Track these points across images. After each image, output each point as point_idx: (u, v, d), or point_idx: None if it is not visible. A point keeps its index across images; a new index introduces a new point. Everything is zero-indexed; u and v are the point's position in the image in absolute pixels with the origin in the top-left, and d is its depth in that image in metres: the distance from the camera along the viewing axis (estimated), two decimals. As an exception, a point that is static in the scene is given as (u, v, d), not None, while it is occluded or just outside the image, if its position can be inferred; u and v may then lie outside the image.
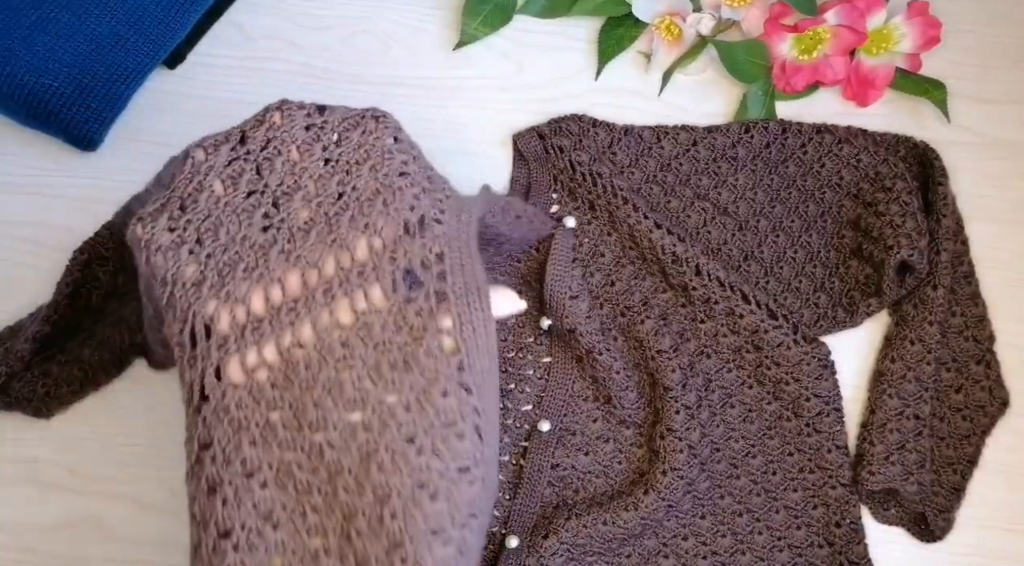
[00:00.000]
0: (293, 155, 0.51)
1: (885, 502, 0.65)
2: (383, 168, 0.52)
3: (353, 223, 0.50)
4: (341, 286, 0.49)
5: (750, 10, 0.72)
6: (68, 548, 0.64)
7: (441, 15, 0.75)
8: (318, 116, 0.52)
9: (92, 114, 0.69)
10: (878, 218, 0.66)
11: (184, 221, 0.51)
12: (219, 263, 0.50)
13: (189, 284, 0.50)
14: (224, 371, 0.49)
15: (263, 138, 0.52)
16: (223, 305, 0.49)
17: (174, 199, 0.51)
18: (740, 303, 0.65)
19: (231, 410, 0.48)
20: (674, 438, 0.62)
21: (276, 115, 0.52)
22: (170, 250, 0.50)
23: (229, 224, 0.51)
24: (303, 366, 0.49)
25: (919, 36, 0.70)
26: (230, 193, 0.51)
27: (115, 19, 0.70)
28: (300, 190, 0.51)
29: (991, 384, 0.66)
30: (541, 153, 0.69)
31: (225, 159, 0.51)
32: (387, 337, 0.49)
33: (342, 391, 0.49)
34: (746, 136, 0.70)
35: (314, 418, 0.48)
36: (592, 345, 0.64)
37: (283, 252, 0.50)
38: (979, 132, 0.71)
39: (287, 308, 0.50)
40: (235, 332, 0.49)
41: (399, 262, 0.50)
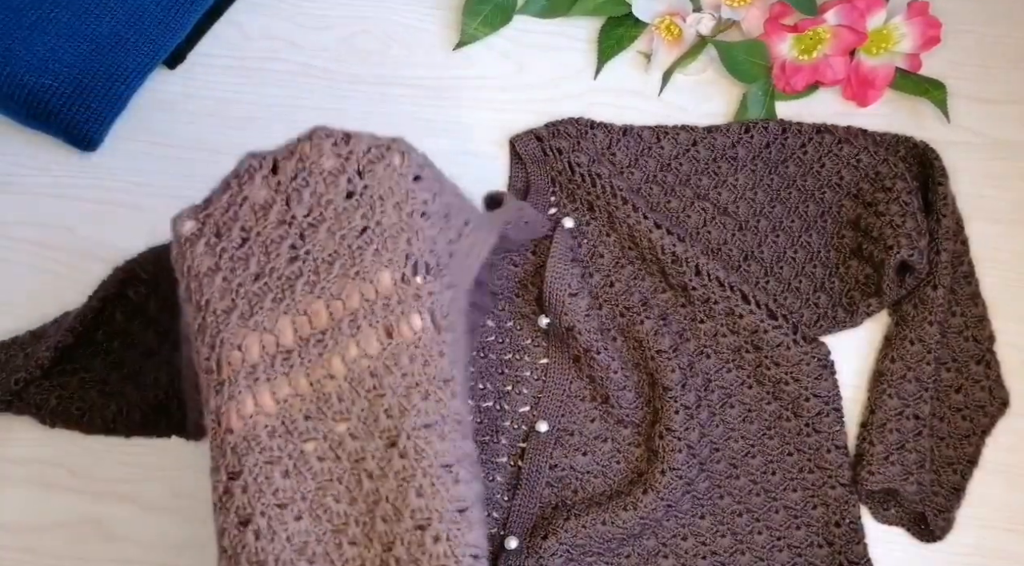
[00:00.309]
0: (320, 187, 0.52)
1: (885, 502, 0.65)
2: (406, 207, 0.52)
3: (377, 257, 0.51)
4: (366, 318, 0.50)
5: (750, 10, 0.71)
6: (69, 548, 0.64)
7: (441, 15, 0.75)
8: (344, 146, 0.52)
9: (92, 114, 0.69)
10: (878, 218, 0.66)
11: (220, 249, 0.51)
12: (249, 292, 0.51)
13: (220, 311, 0.51)
14: (257, 399, 0.49)
15: (293, 169, 0.52)
16: (252, 334, 0.50)
17: (211, 224, 0.52)
18: (740, 303, 0.65)
19: (262, 439, 0.49)
20: (673, 438, 0.62)
21: (306, 145, 0.52)
22: (206, 276, 0.51)
23: (259, 254, 0.51)
24: (336, 397, 0.50)
25: (919, 36, 0.70)
26: (261, 223, 0.52)
27: (115, 19, 0.70)
28: (325, 222, 0.52)
29: (991, 384, 0.66)
30: (539, 155, 0.69)
31: (258, 188, 0.52)
32: (416, 368, 0.50)
33: (376, 421, 0.49)
34: (746, 136, 0.69)
35: (352, 449, 0.49)
36: (590, 344, 0.64)
37: (308, 283, 0.51)
38: (979, 132, 0.71)
39: (315, 339, 0.50)
40: (265, 361, 0.50)
41: (424, 301, 0.51)
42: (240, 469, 0.48)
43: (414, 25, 0.75)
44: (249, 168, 0.52)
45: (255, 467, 0.48)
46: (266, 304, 0.51)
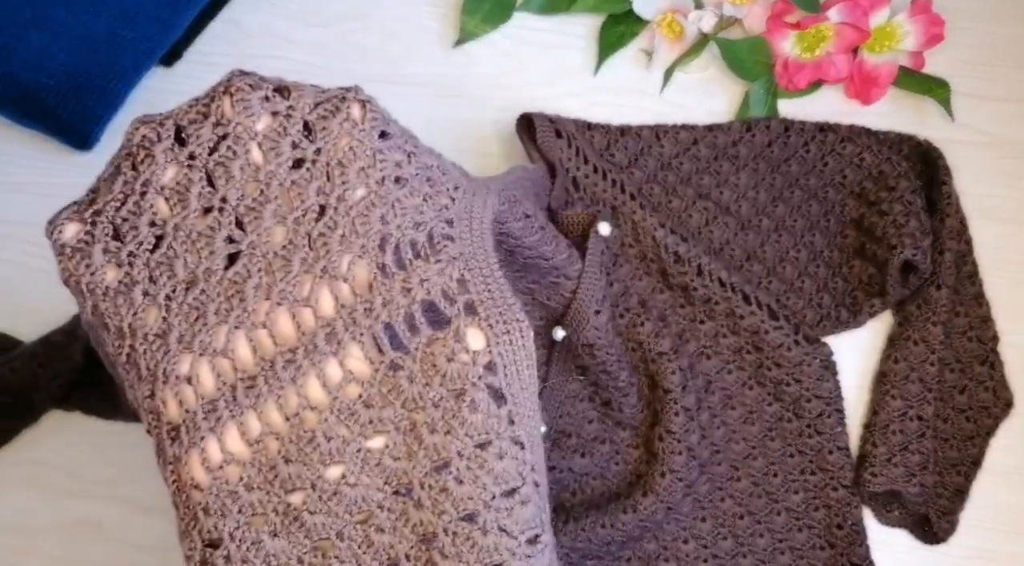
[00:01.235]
0: (255, 156, 0.40)
1: (888, 504, 0.64)
2: (375, 172, 0.40)
3: (345, 245, 0.40)
4: (347, 329, 0.39)
5: (752, 7, 0.71)
6: (66, 551, 0.64)
7: (440, 12, 0.75)
8: (280, 100, 0.40)
9: (88, 113, 0.68)
10: (881, 217, 0.65)
11: (127, 254, 0.40)
12: (184, 306, 0.39)
13: (152, 335, 0.39)
14: (224, 444, 0.39)
15: (211, 136, 0.40)
16: (199, 360, 0.39)
17: (102, 223, 0.40)
18: (741, 304, 0.64)
19: (240, 494, 0.39)
20: (673, 440, 0.62)
21: (225, 103, 0.40)
22: (120, 294, 0.40)
23: (186, 255, 0.40)
24: (321, 435, 0.39)
25: (922, 34, 0.70)
26: (179, 213, 0.40)
27: (111, 17, 0.70)
28: (269, 203, 0.40)
29: (995, 385, 0.65)
30: (553, 137, 0.67)
31: (162, 167, 0.40)
32: (417, 391, 0.39)
33: (379, 464, 0.39)
34: (748, 135, 0.69)
35: (351, 498, 0.39)
36: (605, 358, 0.63)
37: (261, 287, 0.40)
38: (983, 130, 0.71)
39: (283, 360, 0.39)
40: (225, 394, 0.39)
41: (415, 294, 0.40)
42: (219, 536, 0.38)
43: (413, 22, 0.74)
44: (143, 141, 0.40)
45: (237, 531, 0.38)
46: (210, 319, 0.39)
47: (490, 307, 0.41)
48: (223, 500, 0.38)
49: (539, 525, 0.40)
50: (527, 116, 0.67)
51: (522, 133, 0.68)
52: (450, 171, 0.46)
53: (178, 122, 0.40)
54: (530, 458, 0.40)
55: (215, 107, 0.40)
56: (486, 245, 0.44)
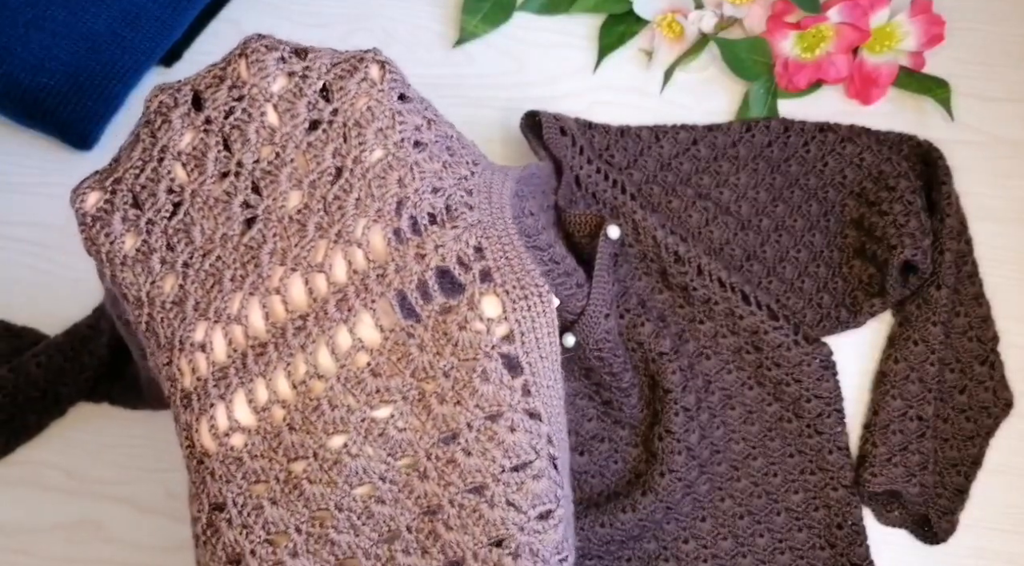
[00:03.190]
0: (270, 118, 0.39)
1: (888, 504, 0.64)
2: (393, 134, 0.39)
3: (361, 209, 0.39)
4: (359, 295, 0.39)
5: (752, 7, 0.71)
6: (65, 550, 0.64)
7: (441, 12, 0.75)
8: (297, 61, 0.39)
9: (88, 113, 0.68)
10: (881, 217, 0.65)
11: (145, 222, 0.40)
12: (200, 273, 0.39)
13: (168, 303, 0.40)
14: (231, 412, 0.39)
15: (226, 100, 0.39)
16: (214, 327, 0.39)
17: (122, 191, 0.40)
18: (740, 304, 0.64)
19: (244, 461, 0.39)
20: (672, 440, 0.62)
21: (240, 65, 0.39)
22: (138, 262, 0.40)
23: (202, 220, 0.39)
24: (327, 404, 0.39)
25: (922, 34, 0.70)
26: (196, 179, 0.39)
27: (111, 17, 0.70)
28: (285, 166, 0.39)
29: (995, 385, 0.65)
30: (558, 134, 0.67)
31: (179, 132, 0.39)
32: (427, 360, 0.39)
33: (384, 434, 0.39)
34: (747, 135, 0.69)
35: (352, 469, 0.38)
36: (612, 361, 0.63)
37: (276, 253, 0.39)
38: (983, 130, 0.71)
39: (294, 326, 0.39)
40: (235, 361, 0.39)
41: (429, 260, 0.39)
42: (223, 500, 0.39)
43: (414, 22, 0.75)
44: (160, 107, 0.40)
45: (239, 496, 0.39)
46: (225, 285, 0.39)
47: (507, 274, 0.41)
48: (228, 466, 0.39)
49: (552, 500, 0.39)
50: (532, 114, 0.67)
51: (526, 131, 0.68)
52: (468, 145, 0.45)
53: (195, 87, 0.40)
54: (546, 430, 0.40)
55: (231, 70, 0.39)
56: (505, 216, 0.43)
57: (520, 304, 0.40)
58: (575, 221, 0.64)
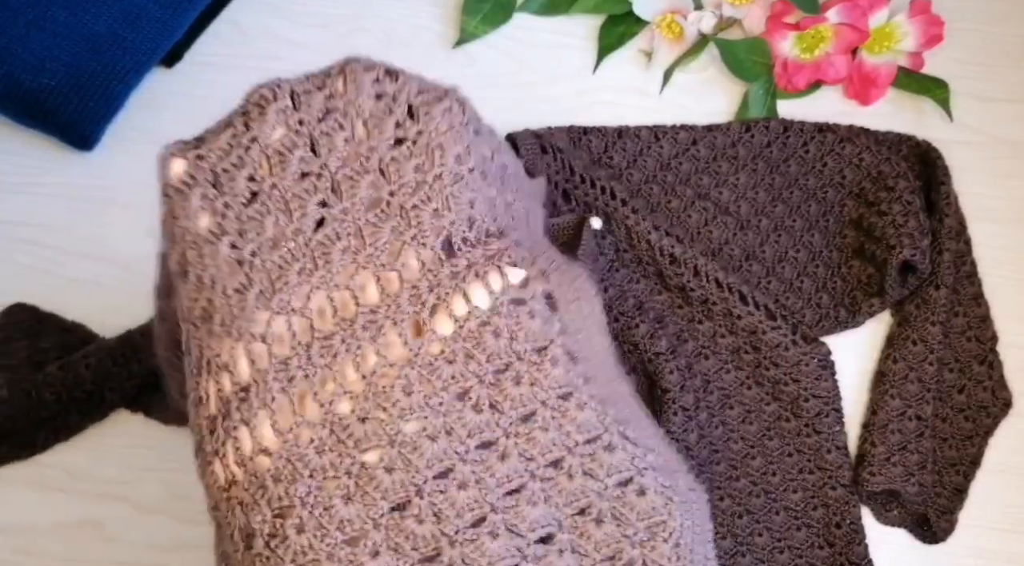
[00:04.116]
0: (359, 131, 0.41)
1: (887, 503, 0.64)
2: (468, 161, 0.42)
3: (437, 219, 0.41)
4: (432, 290, 0.40)
5: (752, 8, 0.71)
6: (66, 550, 0.64)
7: (441, 13, 0.75)
8: (390, 82, 0.42)
9: (89, 113, 0.68)
10: (880, 217, 0.65)
11: (222, 204, 0.40)
12: (267, 263, 0.40)
13: (232, 291, 0.39)
14: (296, 406, 0.38)
15: (321, 107, 0.41)
16: (277, 317, 0.39)
17: (204, 170, 0.40)
18: (738, 304, 0.65)
19: (310, 459, 0.38)
20: (671, 439, 0.62)
21: (338, 81, 0.42)
22: (208, 242, 0.40)
23: (278, 212, 0.40)
24: (400, 391, 0.39)
25: (921, 34, 0.70)
26: (277, 173, 0.40)
27: (112, 18, 0.70)
28: (368, 174, 0.41)
29: (994, 385, 0.65)
30: (538, 152, 0.69)
31: (271, 126, 0.41)
32: (502, 346, 0.40)
33: (461, 418, 0.39)
34: (747, 135, 0.69)
35: (430, 454, 0.38)
36: None
37: (349, 251, 0.40)
38: (982, 131, 0.71)
39: (364, 320, 0.39)
40: (298, 353, 0.39)
41: (495, 259, 0.41)
42: (291, 503, 0.37)
43: (414, 23, 0.75)
44: (260, 100, 0.41)
45: (308, 496, 0.38)
46: (291, 278, 0.39)
47: (559, 275, 0.43)
48: (294, 464, 0.38)
49: (630, 468, 0.40)
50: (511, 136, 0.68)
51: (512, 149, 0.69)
52: (518, 174, 0.49)
53: (294, 88, 0.41)
54: (612, 412, 0.41)
55: (329, 82, 0.42)
56: (541, 237, 0.47)
57: (573, 306, 0.43)
58: (558, 229, 0.65)
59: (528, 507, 0.39)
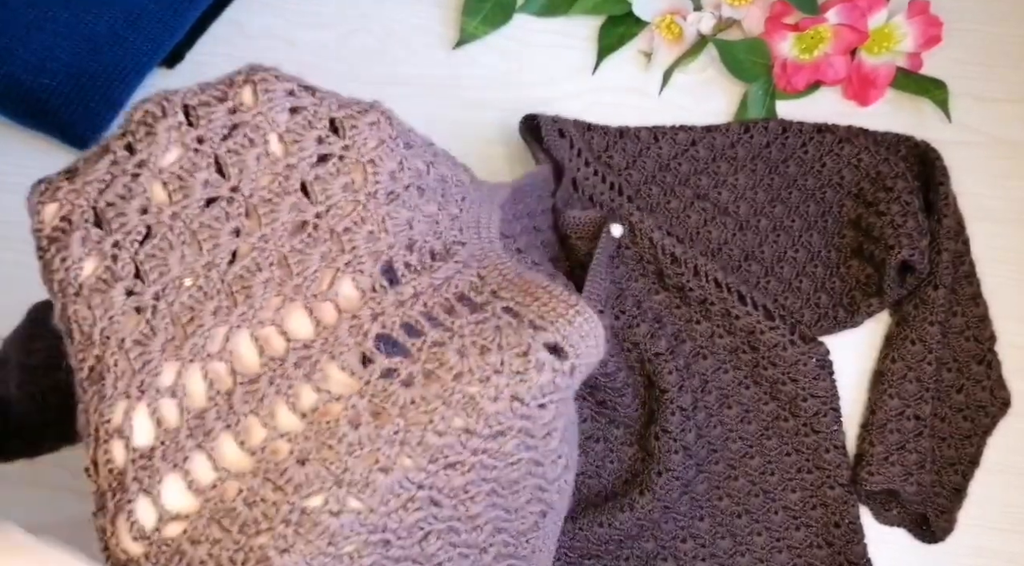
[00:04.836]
0: (274, 148, 0.36)
1: (886, 503, 0.65)
2: (403, 176, 0.38)
3: (373, 241, 0.37)
4: (376, 319, 0.36)
5: (751, 9, 0.71)
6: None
7: (441, 13, 0.75)
8: (306, 95, 0.38)
9: (90, 114, 0.69)
10: (879, 218, 0.66)
11: (110, 245, 0.35)
12: (175, 306, 0.35)
13: (130, 342, 0.34)
14: (216, 459, 0.34)
15: (225, 122, 0.36)
16: (190, 365, 0.34)
17: (81, 206, 0.35)
18: (736, 304, 0.65)
19: (239, 511, 0.34)
20: (669, 439, 0.62)
21: (245, 91, 0.37)
22: (96, 291, 0.34)
23: (183, 247, 0.35)
24: (347, 424, 0.34)
25: (920, 35, 0.70)
26: (178, 201, 0.35)
27: (113, 18, 0.70)
28: (288, 196, 0.36)
29: (992, 384, 0.66)
30: (557, 136, 0.67)
31: (163, 147, 0.35)
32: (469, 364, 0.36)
33: (421, 443, 0.35)
34: (746, 136, 0.69)
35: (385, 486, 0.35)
36: (606, 359, 0.62)
37: (272, 282, 0.36)
38: (981, 131, 0.71)
39: (297, 357, 0.35)
40: (217, 404, 0.35)
41: (444, 289, 0.38)
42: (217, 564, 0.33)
43: (414, 23, 0.75)
44: (145, 117, 0.35)
45: (238, 553, 0.34)
46: (205, 320, 0.35)
47: (512, 290, 0.40)
48: (219, 522, 0.33)
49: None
50: (531, 117, 0.68)
51: (525, 134, 0.68)
52: (461, 182, 0.45)
53: (186, 101, 0.36)
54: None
55: (233, 93, 0.37)
56: (496, 249, 0.43)
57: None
58: (575, 224, 0.64)
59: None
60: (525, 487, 0.39)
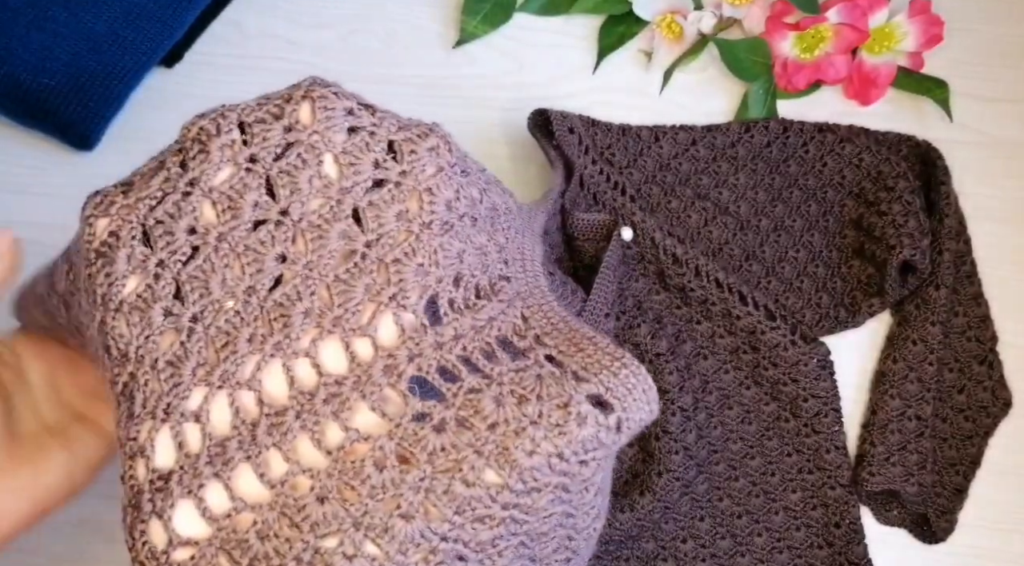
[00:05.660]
0: (328, 170, 0.35)
1: (887, 503, 0.64)
2: (459, 206, 0.37)
3: (421, 275, 0.35)
4: (413, 361, 0.34)
5: (751, 8, 0.71)
6: (68, 549, 0.64)
7: (440, 13, 0.75)
8: (366, 115, 0.37)
9: (89, 113, 0.68)
10: (880, 217, 0.65)
11: (155, 264, 0.34)
12: (211, 330, 0.34)
13: (162, 363, 0.34)
14: (233, 488, 0.33)
15: (279, 141, 0.35)
16: (218, 392, 0.34)
17: (131, 223, 0.34)
18: (737, 304, 0.65)
19: (251, 544, 0.33)
20: (669, 440, 0.62)
21: (303, 108, 0.36)
22: (136, 309, 0.34)
23: (225, 271, 0.34)
24: (372, 466, 0.33)
25: (921, 34, 0.70)
26: (227, 222, 0.35)
27: (112, 18, 0.70)
28: (339, 222, 0.35)
29: (994, 385, 0.65)
30: (566, 131, 0.66)
31: (216, 165, 0.35)
32: (506, 414, 0.34)
33: (447, 492, 0.33)
34: (746, 135, 0.69)
35: (405, 535, 0.33)
36: None
37: (312, 313, 0.35)
38: (982, 131, 0.71)
39: (327, 393, 0.34)
40: (240, 433, 0.34)
41: (486, 331, 0.36)
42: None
43: (413, 23, 0.75)
44: (200, 134, 0.35)
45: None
46: (240, 346, 0.34)
47: (556, 336, 0.38)
48: (229, 552, 0.33)
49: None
50: (540, 112, 0.67)
51: (534, 130, 0.67)
52: (509, 209, 0.43)
53: (242, 118, 0.35)
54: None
55: (290, 110, 0.36)
56: (541, 285, 0.41)
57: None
58: (583, 226, 0.64)
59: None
60: (554, 538, 0.37)
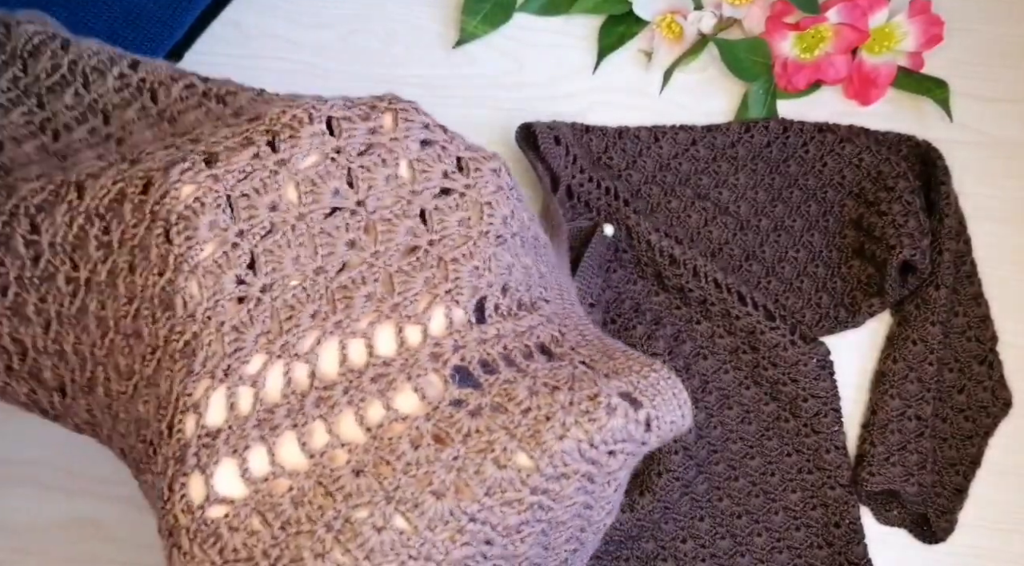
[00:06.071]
0: (403, 172, 0.39)
1: (887, 503, 0.64)
2: (513, 223, 0.40)
3: (476, 276, 0.38)
4: (457, 351, 0.37)
5: (751, 8, 0.71)
6: (66, 549, 0.64)
7: (440, 13, 0.75)
8: (440, 133, 0.40)
9: (89, 113, 0.68)
10: (880, 217, 0.65)
11: (235, 233, 0.36)
12: (277, 302, 0.36)
13: (228, 327, 0.36)
14: (275, 453, 0.35)
15: (364, 140, 0.38)
16: (276, 361, 0.36)
17: (216, 192, 0.36)
18: (736, 305, 0.65)
19: (284, 508, 0.34)
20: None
21: (387, 117, 0.39)
22: (209, 273, 0.36)
23: (300, 249, 0.37)
24: (408, 443, 0.35)
25: (921, 34, 0.70)
26: (307, 204, 0.37)
27: (112, 18, 0.70)
28: (407, 219, 0.38)
29: (994, 384, 0.65)
30: (553, 145, 0.67)
31: (304, 151, 0.37)
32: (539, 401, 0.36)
33: (478, 472, 0.35)
34: (746, 135, 0.69)
35: (436, 512, 0.34)
36: None
37: (373, 298, 0.37)
38: (982, 131, 0.71)
39: (375, 372, 0.36)
40: (290, 402, 0.36)
41: (526, 336, 0.39)
42: (249, 555, 0.34)
43: (413, 23, 0.75)
44: (292, 121, 0.38)
45: (273, 549, 0.34)
46: (302, 321, 0.36)
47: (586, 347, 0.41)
48: (262, 514, 0.34)
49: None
50: (526, 125, 0.67)
51: (522, 143, 0.68)
52: (548, 245, 0.47)
53: (332, 114, 0.38)
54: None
55: (375, 115, 0.39)
56: (579, 311, 0.44)
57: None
58: (570, 234, 0.65)
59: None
60: (569, 527, 0.39)
